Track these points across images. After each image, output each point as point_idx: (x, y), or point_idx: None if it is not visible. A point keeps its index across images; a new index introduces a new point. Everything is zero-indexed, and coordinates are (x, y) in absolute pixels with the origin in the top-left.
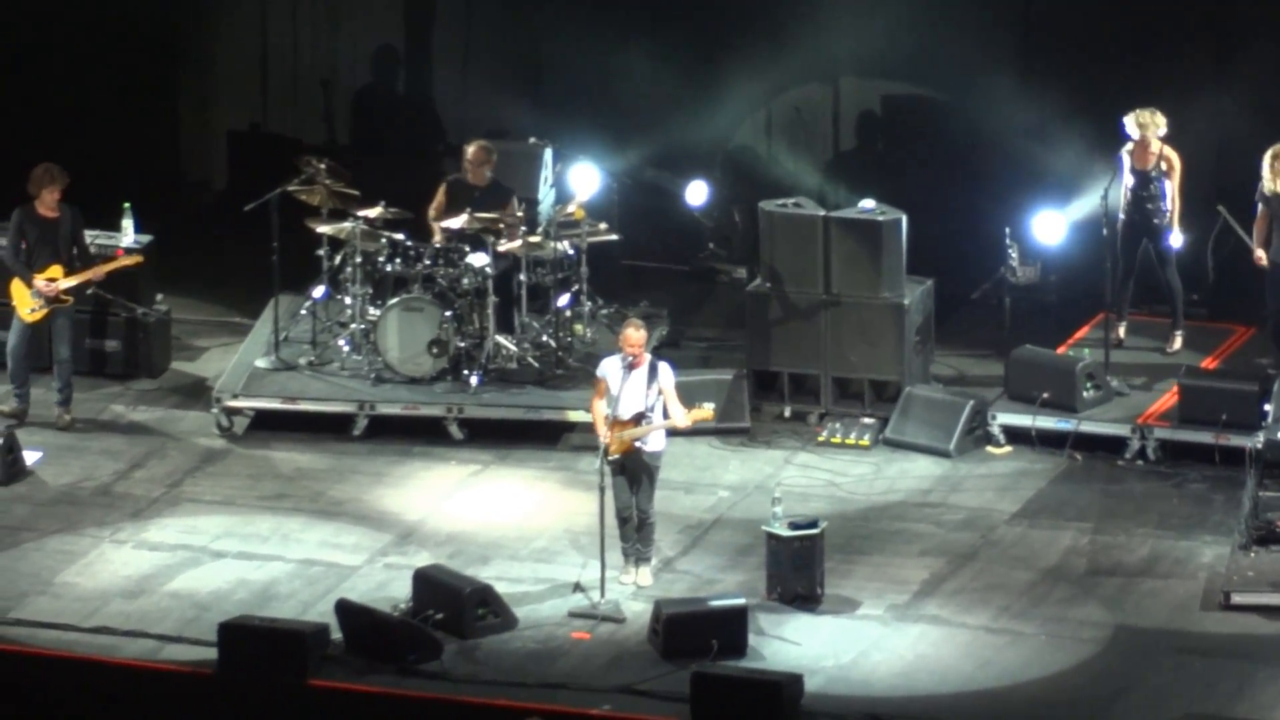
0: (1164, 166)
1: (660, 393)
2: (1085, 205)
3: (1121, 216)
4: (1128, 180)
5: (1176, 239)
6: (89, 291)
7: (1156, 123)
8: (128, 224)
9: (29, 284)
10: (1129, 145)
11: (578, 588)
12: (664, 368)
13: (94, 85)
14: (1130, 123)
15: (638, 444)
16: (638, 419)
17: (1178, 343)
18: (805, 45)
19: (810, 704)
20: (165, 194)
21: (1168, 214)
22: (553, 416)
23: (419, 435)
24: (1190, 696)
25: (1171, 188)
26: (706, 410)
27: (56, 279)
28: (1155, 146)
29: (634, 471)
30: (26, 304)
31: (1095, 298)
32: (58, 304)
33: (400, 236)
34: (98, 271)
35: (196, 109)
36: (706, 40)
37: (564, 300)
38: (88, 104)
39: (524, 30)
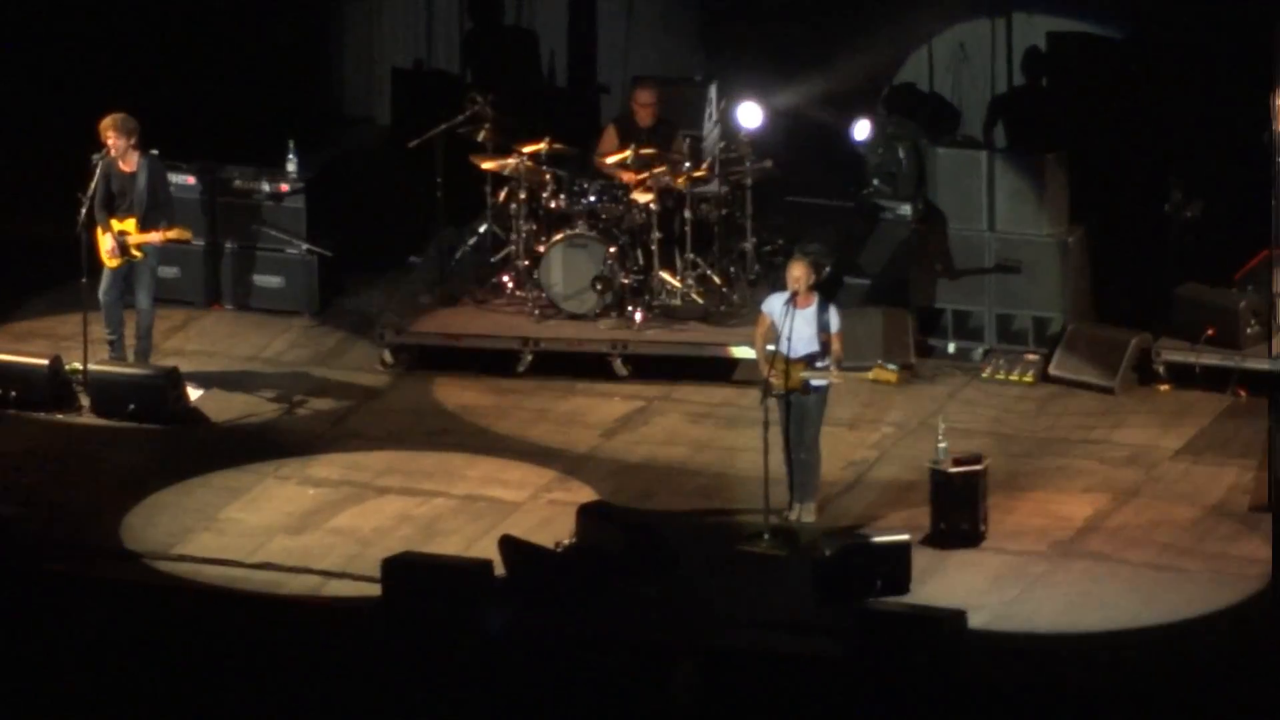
0: None
1: (829, 336)
2: (1250, 142)
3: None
4: None
5: None
6: (253, 228)
7: None
8: (291, 160)
9: (105, 229)
10: None
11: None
12: (834, 312)
13: (258, 22)
14: None
15: (806, 381)
16: (809, 360)
17: None
18: None
19: (973, 640)
20: (329, 130)
21: None
22: (717, 353)
23: (583, 372)
24: None
25: None
26: (890, 373)
27: (129, 232)
28: None
29: (799, 408)
30: (105, 249)
31: (1260, 234)
32: (129, 256)
33: (564, 173)
34: (157, 238)
35: (361, 46)
36: None
37: (729, 237)
38: (252, 41)
39: None
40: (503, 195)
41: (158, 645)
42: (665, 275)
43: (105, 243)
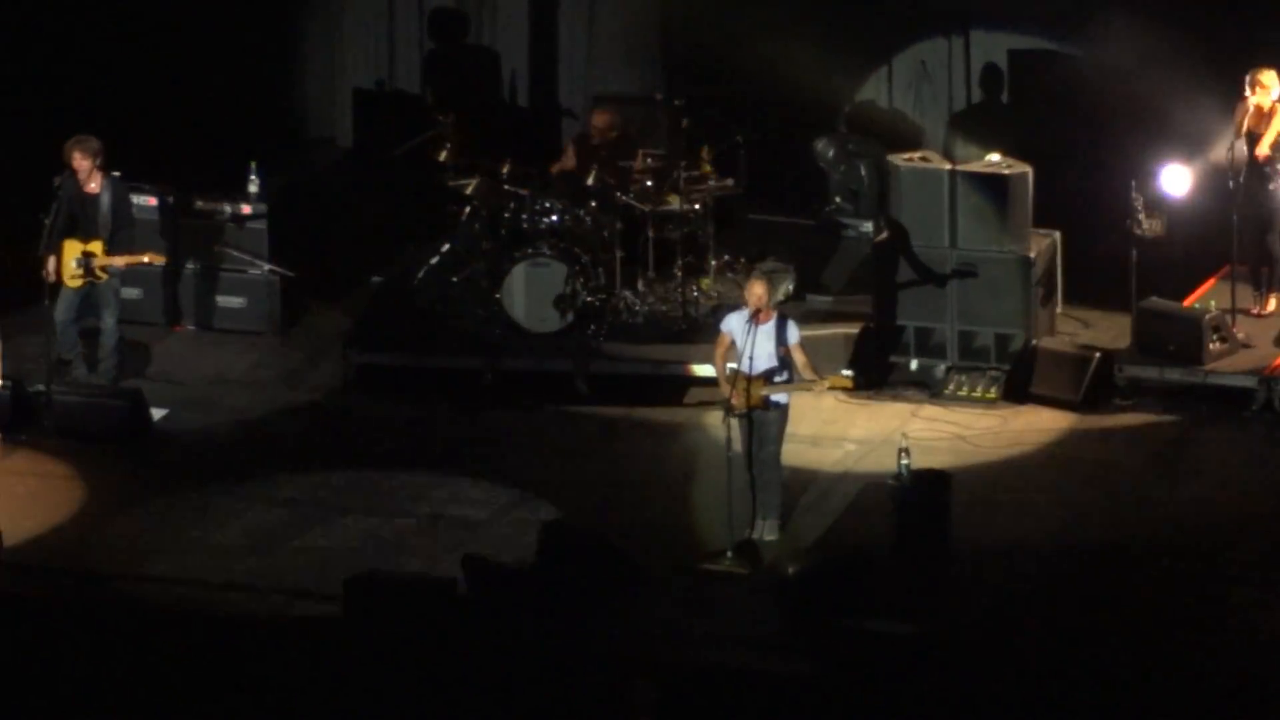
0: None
1: (788, 351)
2: (1211, 158)
3: (1235, 181)
4: (1242, 142)
5: None
6: (215, 249)
7: (1267, 83)
8: (253, 180)
9: (67, 250)
10: (1245, 105)
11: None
12: (792, 326)
13: (220, 43)
14: (1247, 83)
15: (767, 398)
16: (768, 376)
17: (1271, 304)
18: None
19: (938, 658)
20: (291, 151)
21: None
22: (678, 371)
23: (545, 391)
24: None
25: None
26: (845, 379)
27: (95, 254)
28: (1269, 107)
29: (761, 426)
30: (69, 270)
31: (1221, 251)
32: (93, 278)
33: (526, 192)
34: (121, 261)
35: (322, 67)
36: None
37: (689, 255)
38: (214, 62)
39: None
40: (465, 215)
41: (125, 666)
42: (627, 294)
43: (68, 264)
